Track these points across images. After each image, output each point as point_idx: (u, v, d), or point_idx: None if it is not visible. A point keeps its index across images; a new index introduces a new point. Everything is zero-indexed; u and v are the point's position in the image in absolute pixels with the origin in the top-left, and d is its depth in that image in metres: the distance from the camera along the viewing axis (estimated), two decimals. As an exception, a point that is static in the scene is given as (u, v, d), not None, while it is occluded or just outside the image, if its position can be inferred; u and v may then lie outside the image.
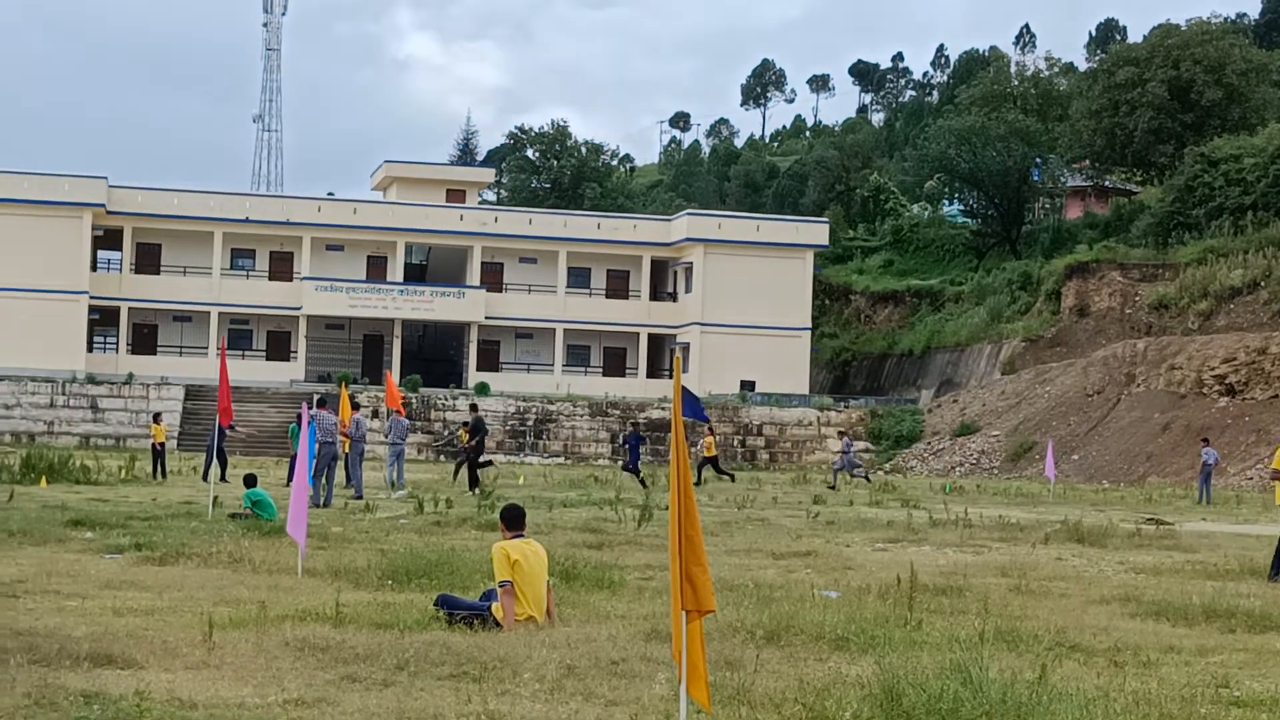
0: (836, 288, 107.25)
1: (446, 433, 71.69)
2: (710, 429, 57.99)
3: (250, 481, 28.77)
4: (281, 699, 10.75)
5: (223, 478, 44.06)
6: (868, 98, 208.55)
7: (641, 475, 49.93)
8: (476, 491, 39.52)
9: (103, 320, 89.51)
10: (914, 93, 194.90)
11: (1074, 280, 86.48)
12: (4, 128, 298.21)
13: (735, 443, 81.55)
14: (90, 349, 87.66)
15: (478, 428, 43.99)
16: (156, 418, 50.88)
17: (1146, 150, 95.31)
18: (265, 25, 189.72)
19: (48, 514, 27.24)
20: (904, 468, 76.43)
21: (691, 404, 49.82)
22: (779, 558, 23.25)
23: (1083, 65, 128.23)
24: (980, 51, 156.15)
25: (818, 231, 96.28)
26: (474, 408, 50.22)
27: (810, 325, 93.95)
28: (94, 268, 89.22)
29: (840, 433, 70.33)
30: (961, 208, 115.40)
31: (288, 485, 39.38)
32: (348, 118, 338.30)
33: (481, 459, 44.11)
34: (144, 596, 16.86)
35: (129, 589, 17.50)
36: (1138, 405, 71.73)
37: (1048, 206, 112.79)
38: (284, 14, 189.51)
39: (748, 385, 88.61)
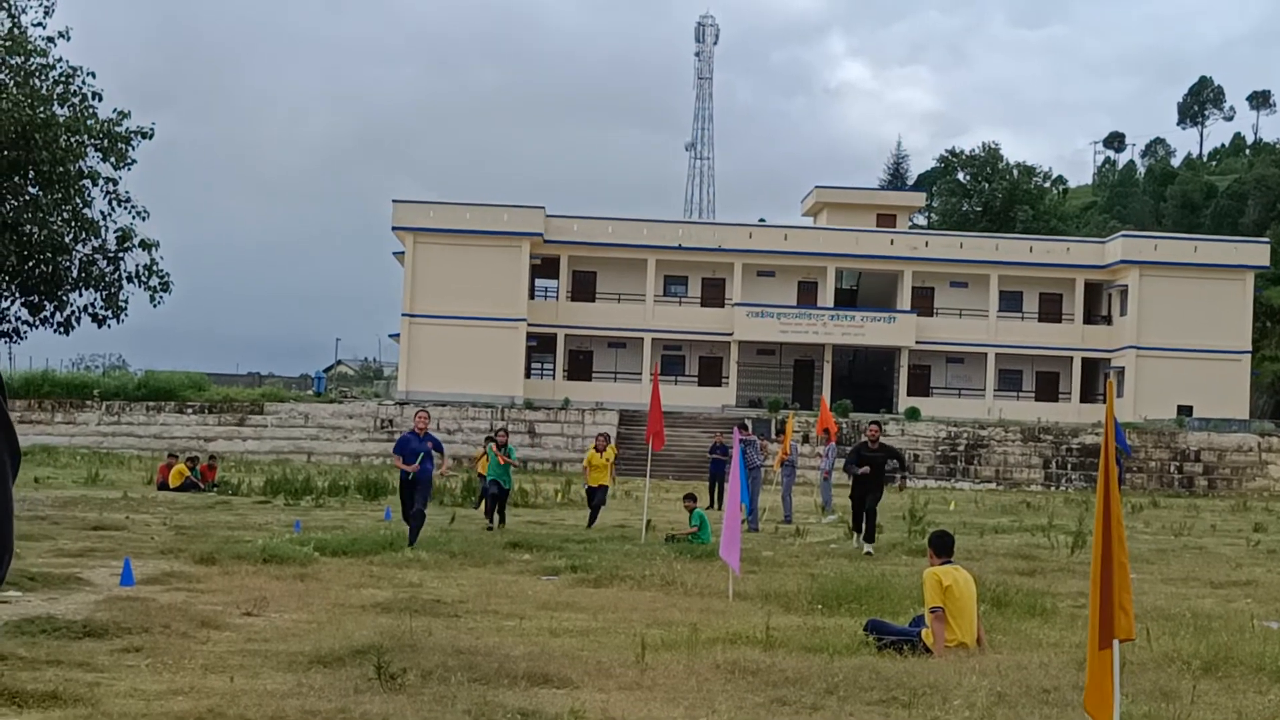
0: (1278, 310, 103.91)
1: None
2: (608, 440, 40.16)
3: (692, 501, 29.49)
4: (712, 720, 10.90)
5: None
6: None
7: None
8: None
9: (540, 347, 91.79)
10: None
11: None
12: (450, 160, 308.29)
13: (1171, 469, 79.67)
14: (528, 375, 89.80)
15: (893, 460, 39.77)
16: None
17: None
18: (698, 55, 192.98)
19: (488, 536, 28.11)
20: (1351, 495, 73.65)
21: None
22: (1217, 587, 22.69)
23: None
24: None
25: (1258, 252, 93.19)
26: (879, 426, 47.81)
27: (1250, 348, 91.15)
28: (531, 295, 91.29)
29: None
30: None
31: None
32: (778, 144, 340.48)
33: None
34: (579, 617, 17.27)
35: (565, 610, 17.96)
36: None
37: None
38: (715, 44, 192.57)
39: (1184, 410, 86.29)
